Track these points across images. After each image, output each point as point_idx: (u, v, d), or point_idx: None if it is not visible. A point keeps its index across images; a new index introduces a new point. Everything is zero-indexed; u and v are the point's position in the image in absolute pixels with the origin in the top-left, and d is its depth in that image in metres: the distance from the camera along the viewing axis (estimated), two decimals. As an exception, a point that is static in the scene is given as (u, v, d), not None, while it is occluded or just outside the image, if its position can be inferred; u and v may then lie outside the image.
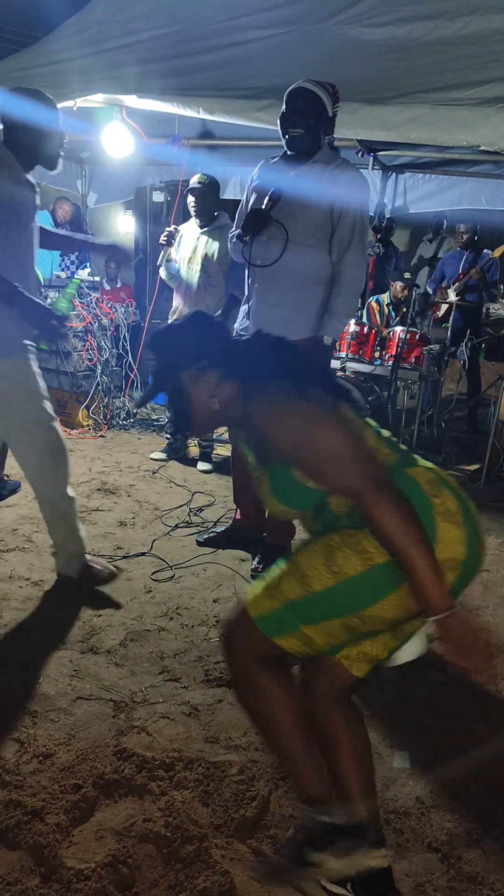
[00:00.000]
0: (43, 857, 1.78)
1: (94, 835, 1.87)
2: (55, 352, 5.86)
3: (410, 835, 1.94)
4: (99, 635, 2.79)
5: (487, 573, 3.59)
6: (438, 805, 2.05)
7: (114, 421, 6.03)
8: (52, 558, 3.18)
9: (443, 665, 2.73)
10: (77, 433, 5.72)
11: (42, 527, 3.71)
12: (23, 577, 3.19)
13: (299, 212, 3.03)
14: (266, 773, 2.10)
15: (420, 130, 3.56)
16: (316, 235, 3.05)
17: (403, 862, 1.85)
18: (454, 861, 1.86)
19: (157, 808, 1.95)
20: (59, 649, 2.67)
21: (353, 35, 4.02)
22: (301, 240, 3.04)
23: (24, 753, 2.13)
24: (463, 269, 6.55)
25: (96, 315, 5.90)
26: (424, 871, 1.83)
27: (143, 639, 2.79)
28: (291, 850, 1.67)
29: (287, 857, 1.67)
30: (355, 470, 1.47)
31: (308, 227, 3.04)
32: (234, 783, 2.06)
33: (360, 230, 3.07)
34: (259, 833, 1.91)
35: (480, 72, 3.63)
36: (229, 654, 1.67)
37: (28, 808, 1.92)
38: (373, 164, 6.33)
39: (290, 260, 3.05)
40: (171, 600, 3.10)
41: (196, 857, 1.80)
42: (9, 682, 2.45)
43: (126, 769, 2.08)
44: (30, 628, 2.80)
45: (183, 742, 2.23)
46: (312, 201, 3.01)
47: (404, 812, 2.01)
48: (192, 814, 1.94)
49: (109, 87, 4.09)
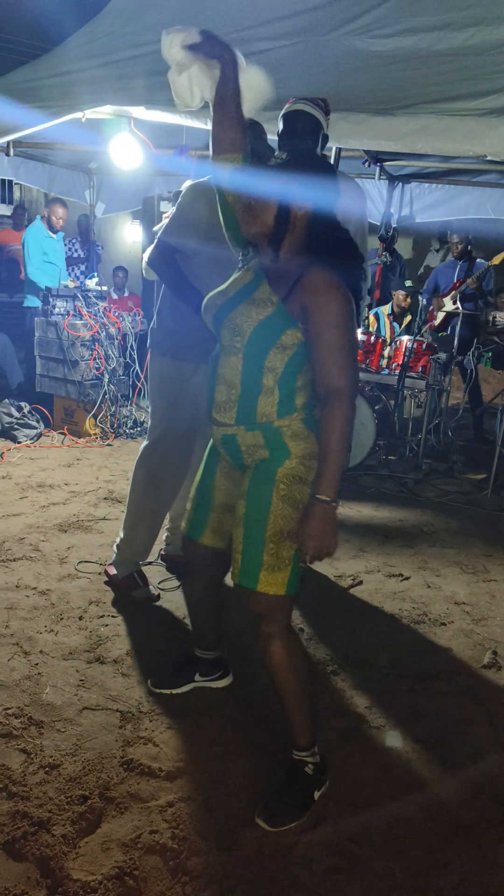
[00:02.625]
0: (49, 868, 1.78)
1: (101, 846, 1.86)
2: (63, 361, 5.89)
3: (412, 843, 1.92)
4: (106, 645, 2.78)
5: (495, 583, 3.58)
6: (445, 816, 2.03)
7: (121, 429, 6.04)
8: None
9: (449, 677, 2.73)
10: (84, 442, 5.73)
11: (48, 536, 3.73)
12: (30, 587, 3.19)
13: None
14: (273, 784, 2.10)
15: (427, 140, 3.57)
16: None
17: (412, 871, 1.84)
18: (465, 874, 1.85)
19: (163, 820, 1.94)
20: (66, 659, 2.67)
21: (360, 46, 4.04)
22: None
23: (30, 764, 2.12)
24: (458, 279, 6.54)
25: (103, 324, 5.93)
26: (435, 883, 1.82)
27: (149, 648, 2.79)
28: (298, 796, 2.01)
29: (295, 803, 1.99)
30: (351, 371, 1.81)
31: None
32: (241, 793, 2.05)
33: (361, 238, 3.16)
34: (266, 844, 1.90)
35: (486, 82, 3.64)
36: (268, 638, 1.96)
37: (34, 819, 1.91)
38: (379, 174, 6.35)
39: None
40: (178, 609, 3.10)
41: (203, 869, 1.79)
42: (15, 692, 2.45)
43: (132, 780, 2.08)
44: (36, 638, 2.80)
45: (189, 752, 2.22)
46: None
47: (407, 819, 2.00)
48: (198, 825, 1.93)
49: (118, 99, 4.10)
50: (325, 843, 1.90)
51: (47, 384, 6.14)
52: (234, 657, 2.74)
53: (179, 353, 3.03)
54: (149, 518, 3.18)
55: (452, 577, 3.62)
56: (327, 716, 2.43)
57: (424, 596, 3.37)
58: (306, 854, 1.87)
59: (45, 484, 4.59)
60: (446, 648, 2.94)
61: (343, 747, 2.29)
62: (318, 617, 3.11)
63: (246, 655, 2.73)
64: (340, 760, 2.22)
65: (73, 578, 3.30)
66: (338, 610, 3.22)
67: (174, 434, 3.09)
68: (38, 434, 5.73)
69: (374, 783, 2.14)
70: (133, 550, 3.20)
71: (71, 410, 6.00)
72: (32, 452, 5.38)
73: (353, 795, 2.08)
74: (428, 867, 1.86)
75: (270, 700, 2.48)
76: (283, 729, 2.12)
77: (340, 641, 2.91)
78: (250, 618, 1.99)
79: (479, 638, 3.04)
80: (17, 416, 5.73)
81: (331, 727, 2.38)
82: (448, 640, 3.01)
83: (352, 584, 3.44)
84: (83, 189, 7.87)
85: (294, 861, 1.84)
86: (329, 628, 3.03)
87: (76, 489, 4.54)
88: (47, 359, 6.06)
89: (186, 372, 3.05)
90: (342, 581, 3.48)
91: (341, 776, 2.15)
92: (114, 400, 5.99)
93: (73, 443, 5.73)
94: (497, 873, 1.86)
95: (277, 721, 2.36)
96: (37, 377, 6.20)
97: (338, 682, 2.65)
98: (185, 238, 2.90)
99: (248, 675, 2.63)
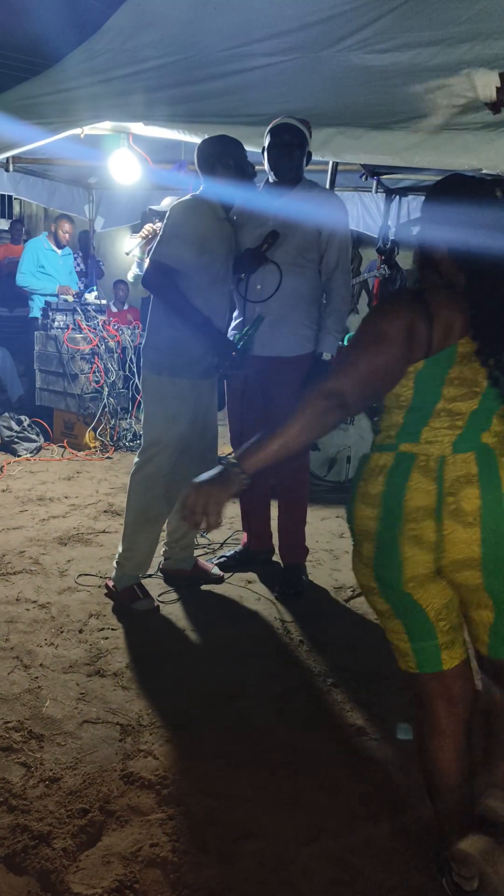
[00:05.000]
0: (50, 882, 1.77)
1: (101, 860, 1.85)
2: (62, 374, 5.90)
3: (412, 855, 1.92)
4: (106, 658, 2.78)
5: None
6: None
7: (120, 442, 6.04)
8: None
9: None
10: (84, 455, 5.74)
11: (49, 549, 3.73)
12: (30, 600, 3.19)
13: (291, 237, 3.18)
14: (273, 795, 2.09)
15: (424, 155, 3.59)
16: (307, 258, 3.22)
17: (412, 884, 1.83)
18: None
19: (163, 833, 1.94)
20: (66, 672, 2.67)
21: (357, 61, 4.07)
22: (294, 267, 3.20)
23: (30, 777, 2.12)
24: None
25: (103, 337, 5.95)
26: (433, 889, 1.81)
27: (149, 661, 2.78)
28: None
29: None
30: (347, 370, 1.58)
31: (300, 252, 3.20)
32: (241, 806, 2.05)
33: (344, 250, 3.28)
34: (267, 857, 1.89)
35: (483, 97, 3.67)
36: (422, 710, 1.78)
37: (35, 833, 1.91)
38: (376, 188, 6.38)
39: (285, 286, 3.19)
40: (179, 622, 3.10)
41: (204, 883, 1.79)
42: (15, 706, 2.45)
43: (133, 793, 2.08)
44: (36, 651, 2.79)
45: (190, 765, 2.22)
46: (301, 227, 3.18)
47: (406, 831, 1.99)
48: (199, 838, 1.93)
49: (117, 115, 4.13)
50: (326, 856, 1.90)
51: (47, 397, 6.16)
52: (233, 667, 2.74)
53: (177, 370, 3.05)
54: (147, 531, 3.19)
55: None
56: (327, 728, 2.43)
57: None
58: (307, 866, 1.86)
59: (45, 497, 4.60)
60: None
61: (344, 759, 2.29)
62: (318, 629, 3.11)
63: (244, 669, 2.73)
64: (341, 772, 2.22)
65: (73, 591, 3.30)
66: (337, 621, 3.22)
67: (171, 448, 3.11)
68: (37, 447, 5.74)
69: (374, 795, 2.13)
70: (133, 563, 3.20)
71: (71, 423, 6.01)
72: (32, 466, 5.38)
73: (353, 807, 2.08)
74: (428, 880, 1.85)
75: (270, 712, 2.48)
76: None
77: (340, 653, 2.90)
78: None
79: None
80: (17, 429, 5.74)
81: (331, 739, 2.38)
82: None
83: (351, 595, 3.44)
84: (82, 204, 7.90)
85: (294, 873, 1.84)
86: (328, 640, 3.02)
87: (76, 502, 4.55)
88: (47, 372, 6.08)
89: (184, 388, 3.07)
90: (342, 592, 3.48)
91: (342, 788, 2.15)
92: (113, 413, 6.00)
93: (72, 456, 5.74)
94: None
95: (276, 734, 2.37)
96: (37, 391, 6.22)
97: (337, 695, 2.64)
98: (180, 255, 2.93)
99: (249, 686, 2.63)
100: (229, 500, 1.55)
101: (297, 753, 2.29)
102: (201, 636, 3.01)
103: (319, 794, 2.12)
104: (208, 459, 3.36)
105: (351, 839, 1.96)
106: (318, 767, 2.23)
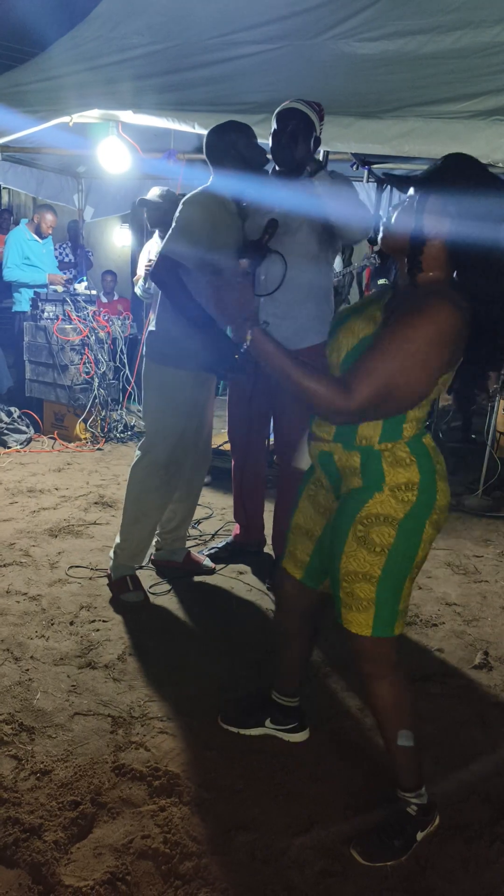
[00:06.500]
0: (41, 874, 1.77)
1: (93, 852, 1.85)
2: (52, 365, 5.87)
3: (411, 849, 1.93)
4: (97, 650, 2.78)
5: (486, 584, 3.59)
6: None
7: (111, 434, 6.03)
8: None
9: (442, 678, 2.73)
10: (75, 446, 5.72)
11: (39, 541, 3.72)
12: (20, 592, 3.18)
13: (297, 228, 3.04)
14: (265, 786, 2.10)
15: (414, 143, 3.58)
16: (314, 248, 3.08)
17: (404, 873, 1.84)
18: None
19: (155, 825, 1.94)
20: (57, 664, 2.66)
21: (346, 50, 4.06)
22: (300, 258, 3.05)
23: (21, 770, 2.11)
24: None
25: (93, 328, 5.92)
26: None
27: (141, 653, 2.78)
28: (398, 835, 1.93)
29: (395, 842, 1.92)
30: (374, 379, 1.59)
31: (306, 241, 3.06)
32: (233, 798, 2.05)
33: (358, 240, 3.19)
34: (259, 848, 1.90)
35: (473, 85, 3.66)
36: (367, 677, 1.90)
37: (26, 826, 1.91)
38: (367, 177, 6.35)
39: (291, 278, 3.04)
40: (170, 614, 3.10)
41: (195, 874, 1.79)
42: (6, 698, 2.44)
43: (124, 785, 2.07)
44: (27, 643, 2.79)
45: (181, 757, 2.21)
46: (308, 216, 3.03)
47: (404, 826, 2.00)
48: (191, 830, 1.93)
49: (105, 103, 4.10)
50: (318, 846, 1.90)
51: (37, 389, 6.13)
52: (224, 658, 2.74)
53: (182, 362, 3.02)
54: (144, 522, 3.18)
55: (444, 579, 3.63)
56: (320, 718, 2.43)
57: (416, 597, 3.38)
58: (299, 857, 1.87)
59: (35, 489, 4.58)
60: (438, 649, 2.95)
61: (336, 749, 2.29)
62: (310, 619, 3.11)
63: (235, 660, 2.73)
64: (333, 762, 2.23)
65: (63, 583, 3.29)
66: (329, 611, 3.21)
67: (170, 439, 3.10)
68: (27, 439, 5.71)
69: (366, 784, 2.14)
70: (129, 554, 3.20)
71: (61, 415, 5.99)
72: (22, 457, 5.36)
73: (344, 797, 2.08)
74: (420, 868, 1.86)
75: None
76: (386, 766, 2.03)
77: (333, 643, 2.90)
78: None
79: (471, 639, 3.04)
80: (7, 420, 5.72)
81: (324, 729, 2.38)
82: (440, 640, 3.02)
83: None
84: (71, 193, 7.85)
85: (287, 864, 1.84)
86: (322, 630, 3.02)
87: (67, 494, 4.53)
88: (37, 363, 6.05)
89: (187, 380, 3.06)
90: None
91: (333, 778, 2.15)
92: (104, 404, 5.99)
93: (63, 447, 5.71)
94: (489, 874, 1.86)
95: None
96: (26, 382, 6.18)
97: (331, 684, 2.65)
98: (188, 251, 2.88)
99: (240, 678, 2.63)
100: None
101: (289, 744, 2.29)
102: (193, 628, 3.01)
103: (311, 785, 2.13)
104: (203, 453, 3.35)
105: (343, 829, 1.96)
106: (309, 758, 2.24)
